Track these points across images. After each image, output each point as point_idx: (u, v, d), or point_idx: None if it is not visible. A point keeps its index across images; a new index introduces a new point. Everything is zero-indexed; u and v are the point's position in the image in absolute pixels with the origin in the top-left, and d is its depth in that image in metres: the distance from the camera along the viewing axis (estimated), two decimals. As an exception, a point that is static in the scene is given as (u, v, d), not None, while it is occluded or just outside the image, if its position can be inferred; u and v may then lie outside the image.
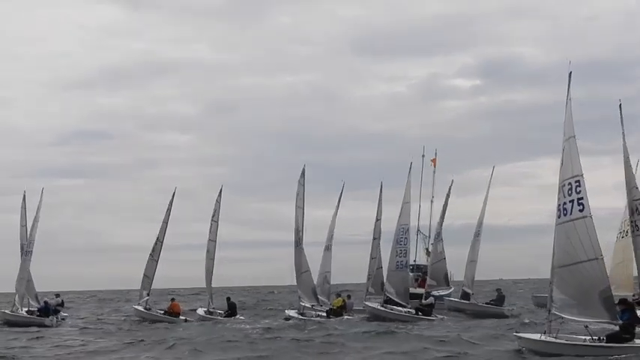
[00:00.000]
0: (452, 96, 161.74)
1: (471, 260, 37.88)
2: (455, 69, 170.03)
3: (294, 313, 34.35)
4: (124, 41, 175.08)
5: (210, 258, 36.42)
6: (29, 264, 35.61)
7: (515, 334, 21.85)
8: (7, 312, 35.83)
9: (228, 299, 37.43)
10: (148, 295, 36.83)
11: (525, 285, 79.32)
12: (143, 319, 35.80)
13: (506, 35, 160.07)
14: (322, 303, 34.17)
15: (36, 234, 34.96)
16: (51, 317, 34.42)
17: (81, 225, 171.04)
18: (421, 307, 33.29)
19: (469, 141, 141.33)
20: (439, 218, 40.21)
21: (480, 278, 39.34)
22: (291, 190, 36.14)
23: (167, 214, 36.78)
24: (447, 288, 39.15)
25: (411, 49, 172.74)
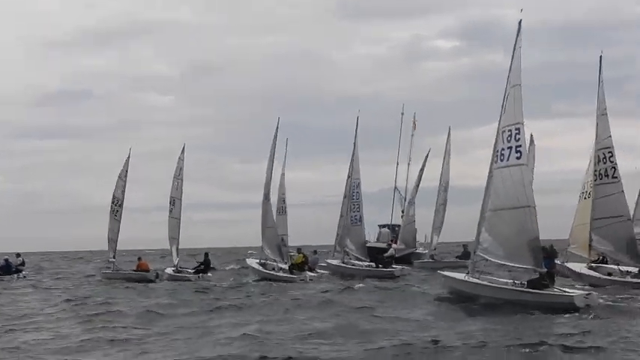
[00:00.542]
0: (433, 58, 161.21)
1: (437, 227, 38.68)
2: (436, 31, 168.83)
3: (255, 264, 33.88)
4: (106, 1, 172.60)
5: (173, 217, 35.15)
6: None
7: (440, 272, 22.31)
8: None
9: (206, 254, 36.12)
10: (114, 258, 36.37)
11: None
12: (111, 279, 34.94)
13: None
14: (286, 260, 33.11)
15: None
16: (10, 276, 35.80)
17: (63, 186, 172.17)
18: (380, 259, 33.27)
19: (450, 103, 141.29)
20: (414, 184, 40.81)
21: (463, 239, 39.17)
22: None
23: (123, 172, 36.45)
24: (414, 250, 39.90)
25: (393, 11, 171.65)
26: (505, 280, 19.51)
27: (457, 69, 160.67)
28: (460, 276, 20.40)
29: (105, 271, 37.29)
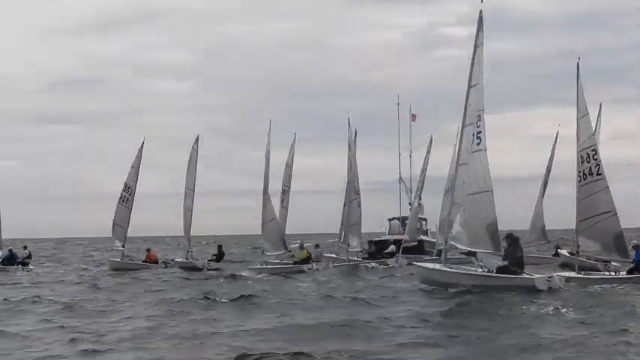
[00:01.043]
0: (448, 45, 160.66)
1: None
2: (452, 17, 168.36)
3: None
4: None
5: (187, 208, 35.75)
6: None
7: (414, 263, 22.49)
8: None
9: (219, 246, 37.33)
10: (123, 246, 36.14)
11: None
12: (118, 270, 34.13)
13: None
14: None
15: None
16: (15, 267, 34.08)
17: (72, 172, 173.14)
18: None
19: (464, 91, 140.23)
20: (419, 176, 39.94)
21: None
22: (280, 139, 36.87)
23: (137, 161, 36.67)
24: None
25: None
26: (475, 268, 19.36)
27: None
28: (430, 265, 20.51)
29: (113, 259, 36.65)
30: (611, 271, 23.70)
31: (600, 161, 24.99)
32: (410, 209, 40.63)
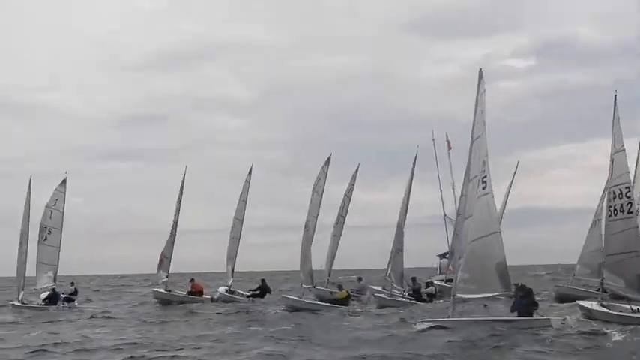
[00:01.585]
0: (506, 77, 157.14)
1: None
2: (509, 50, 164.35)
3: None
4: (176, 23, 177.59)
5: (233, 237, 36.44)
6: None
7: (418, 321, 21.77)
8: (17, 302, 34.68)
9: (262, 280, 37.15)
10: (167, 277, 36.52)
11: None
12: (164, 302, 35.10)
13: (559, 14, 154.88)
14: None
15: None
16: (57, 305, 33.79)
17: (132, 208, 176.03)
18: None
19: (522, 122, 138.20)
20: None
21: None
22: (338, 174, 37.26)
23: (179, 194, 37.00)
24: None
25: (464, 31, 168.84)
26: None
27: (530, 88, 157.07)
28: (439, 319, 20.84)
29: (157, 289, 37.19)
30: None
31: (633, 200, 25.42)
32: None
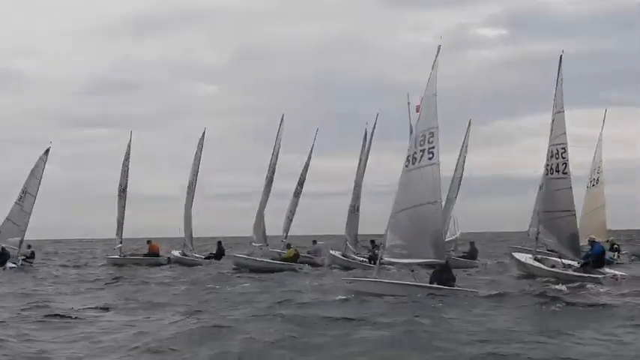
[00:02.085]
0: (478, 46, 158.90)
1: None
2: (481, 19, 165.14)
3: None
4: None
5: (189, 201, 37.56)
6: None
7: (344, 279, 23.30)
8: None
9: (219, 243, 39.03)
10: (121, 243, 37.85)
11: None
12: (120, 265, 36.14)
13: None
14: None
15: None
16: (4, 266, 33.96)
17: (108, 175, 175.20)
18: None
19: (494, 91, 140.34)
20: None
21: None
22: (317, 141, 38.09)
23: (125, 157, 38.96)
24: None
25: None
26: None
27: (502, 57, 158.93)
28: (366, 278, 21.81)
29: (110, 256, 38.57)
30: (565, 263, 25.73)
31: (568, 161, 26.54)
32: None
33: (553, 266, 26.02)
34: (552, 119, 26.88)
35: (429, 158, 20.74)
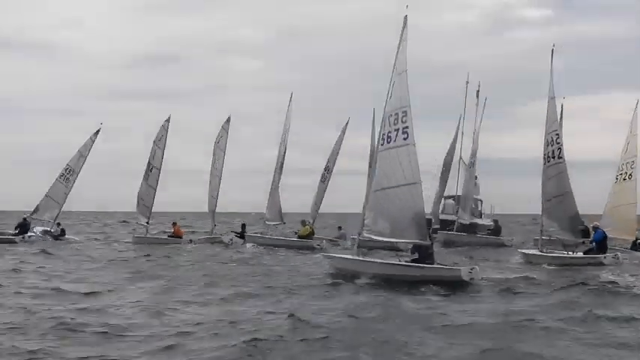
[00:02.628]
0: (522, 27, 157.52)
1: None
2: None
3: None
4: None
5: (214, 183, 37.33)
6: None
7: (323, 255, 23.29)
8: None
9: (243, 225, 38.54)
10: (147, 222, 37.10)
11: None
12: (142, 244, 35.15)
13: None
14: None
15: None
16: (24, 236, 34.63)
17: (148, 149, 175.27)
18: None
19: (538, 73, 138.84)
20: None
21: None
22: (357, 120, 38.45)
23: (158, 137, 38.09)
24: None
25: None
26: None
27: (546, 39, 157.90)
28: (346, 256, 21.46)
29: (137, 236, 37.71)
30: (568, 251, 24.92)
31: (562, 145, 26.01)
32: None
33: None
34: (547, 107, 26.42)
35: (404, 139, 20.26)
